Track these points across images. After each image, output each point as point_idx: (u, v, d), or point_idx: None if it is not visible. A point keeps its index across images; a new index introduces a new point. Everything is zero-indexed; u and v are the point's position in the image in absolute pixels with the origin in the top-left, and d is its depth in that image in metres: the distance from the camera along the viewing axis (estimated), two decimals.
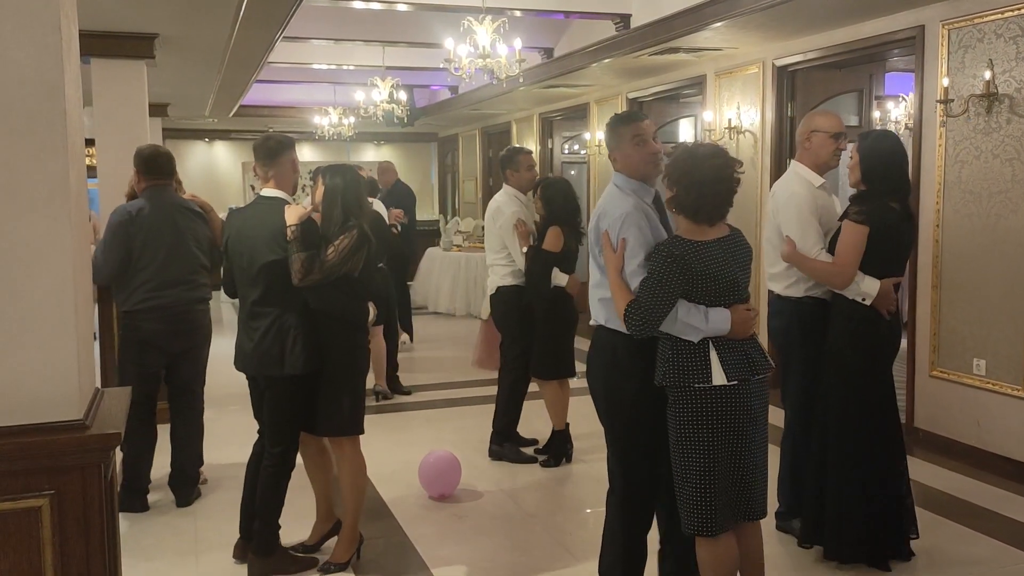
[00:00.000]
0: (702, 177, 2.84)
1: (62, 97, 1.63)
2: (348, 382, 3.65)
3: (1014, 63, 4.80)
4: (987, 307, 5.04)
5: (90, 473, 1.67)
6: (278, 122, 14.30)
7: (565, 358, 5.25)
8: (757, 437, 2.94)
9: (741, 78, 7.19)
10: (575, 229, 5.18)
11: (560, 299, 5.15)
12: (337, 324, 3.61)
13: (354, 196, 3.64)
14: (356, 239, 3.52)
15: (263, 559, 3.71)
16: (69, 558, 1.67)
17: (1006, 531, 4.12)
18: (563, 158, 11.56)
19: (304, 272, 3.43)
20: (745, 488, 2.93)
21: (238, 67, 7.76)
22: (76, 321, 1.71)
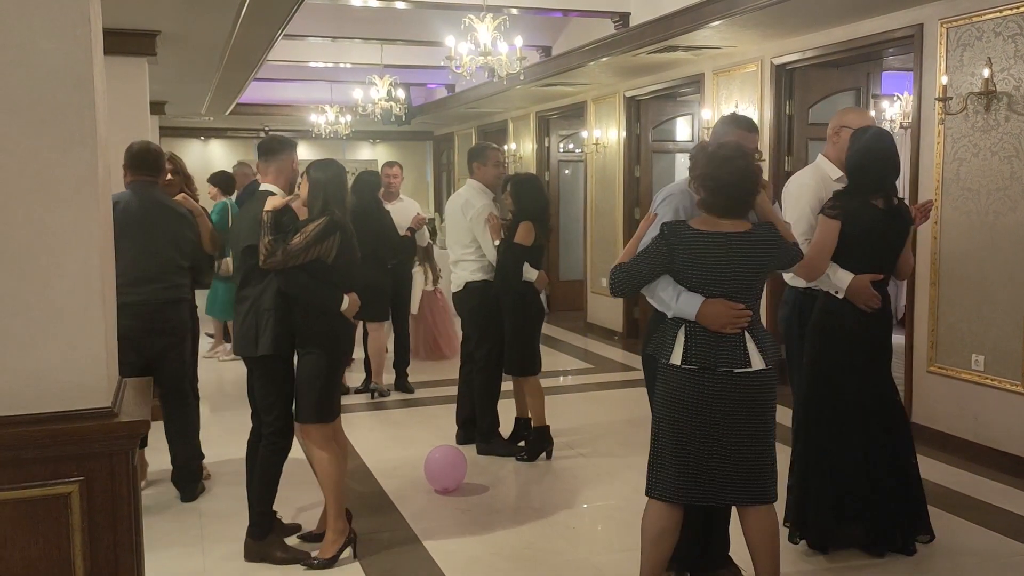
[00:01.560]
0: (728, 180, 2.96)
1: (91, 88, 1.65)
2: (316, 368, 3.69)
3: (1012, 61, 4.84)
4: (985, 303, 5.09)
5: (118, 460, 1.69)
6: (274, 120, 14.30)
7: (535, 354, 5.26)
8: (733, 427, 2.98)
9: (739, 76, 7.24)
10: (544, 225, 5.20)
11: (529, 295, 5.16)
12: (309, 310, 3.69)
13: (335, 189, 3.75)
14: (323, 226, 3.61)
15: (255, 542, 3.82)
16: (97, 544, 1.69)
17: (1004, 524, 4.17)
18: (559, 156, 11.58)
19: (267, 254, 3.58)
20: (718, 473, 3.00)
21: (237, 65, 7.77)
22: (103, 310, 1.73)
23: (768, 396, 3.04)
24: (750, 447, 3.00)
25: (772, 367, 3.03)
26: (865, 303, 3.62)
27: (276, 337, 3.69)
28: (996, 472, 4.87)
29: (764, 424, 3.03)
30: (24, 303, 1.66)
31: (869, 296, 3.62)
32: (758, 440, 3.01)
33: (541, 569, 3.80)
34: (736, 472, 3.01)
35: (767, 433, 3.04)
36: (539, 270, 5.15)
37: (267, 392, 3.80)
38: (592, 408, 6.66)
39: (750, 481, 3.02)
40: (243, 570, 3.79)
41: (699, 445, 3.00)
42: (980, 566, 3.73)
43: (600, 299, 9.94)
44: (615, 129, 9.37)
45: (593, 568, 3.81)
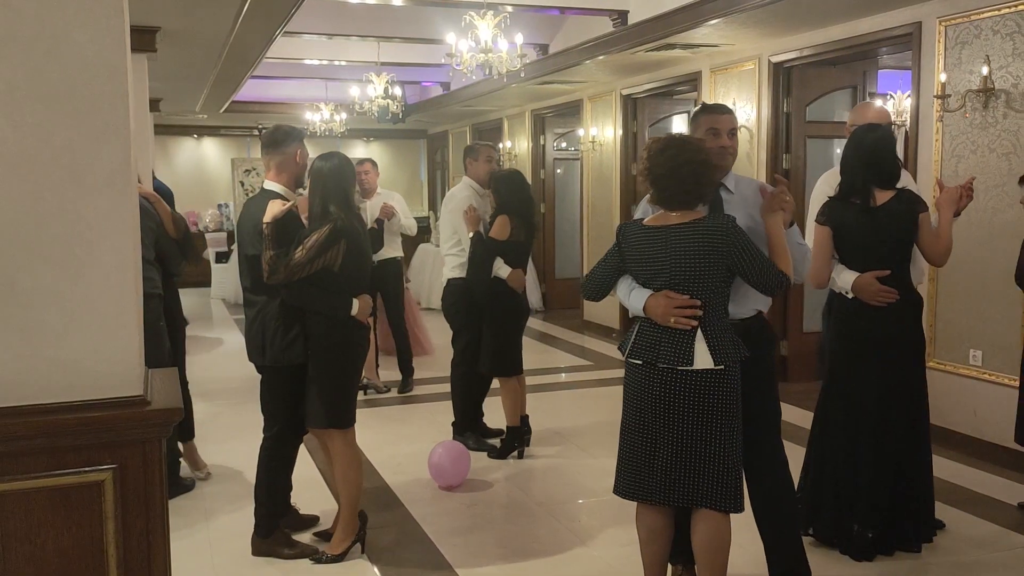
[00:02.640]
0: (659, 171, 2.97)
1: (125, 79, 1.66)
2: (329, 376, 3.63)
3: (1010, 59, 4.89)
4: (983, 299, 5.14)
5: (150, 448, 1.70)
6: (268, 118, 14.27)
7: (512, 355, 5.20)
8: (675, 426, 2.93)
9: (737, 74, 7.28)
10: (527, 222, 5.14)
11: (504, 293, 5.09)
12: (319, 318, 3.61)
13: (335, 184, 3.62)
14: (327, 235, 3.50)
15: (261, 540, 3.84)
16: (130, 531, 1.70)
17: (1005, 516, 4.22)
18: (555, 154, 11.61)
19: (270, 271, 3.49)
20: (661, 472, 2.96)
21: (236, 61, 7.77)
22: (136, 300, 1.74)
23: (718, 398, 2.91)
24: (694, 449, 2.92)
25: (727, 368, 2.92)
26: (874, 299, 3.65)
27: (285, 347, 3.64)
28: (995, 466, 4.93)
29: (712, 426, 2.91)
30: (58, 293, 1.67)
31: (875, 292, 3.64)
32: (704, 442, 2.91)
33: (548, 562, 3.83)
34: (681, 473, 2.94)
35: (716, 436, 2.92)
36: (516, 268, 5.06)
37: (270, 399, 3.80)
38: (592, 405, 6.68)
39: (697, 484, 2.94)
40: (251, 564, 3.80)
41: (641, 440, 3.00)
42: (981, 558, 3.77)
43: None
44: (611, 127, 9.40)
45: (600, 562, 3.84)
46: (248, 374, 4.00)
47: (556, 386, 7.43)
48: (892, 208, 3.67)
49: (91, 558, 1.69)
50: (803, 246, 3.28)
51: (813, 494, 3.84)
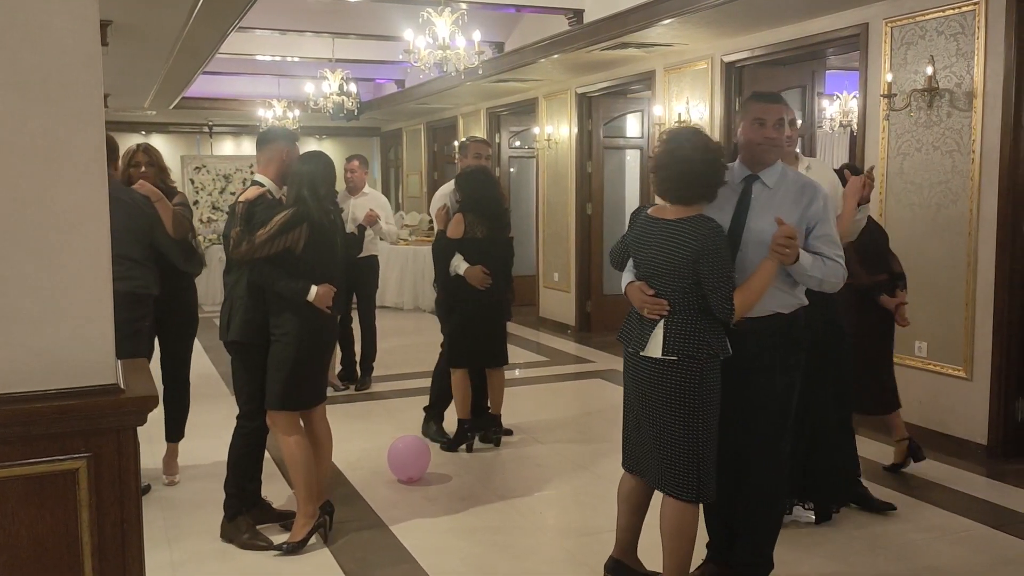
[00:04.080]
0: (656, 163, 3.04)
1: (99, 67, 1.66)
2: (282, 357, 3.74)
3: (954, 59, 5.06)
4: (929, 292, 5.30)
5: (125, 436, 1.70)
6: (220, 115, 14.10)
7: (465, 348, 5.22)
8: (640, 406, 3.08)
9: (690, 73, 7.39)
10: (489, 219, 5.16)
11: (463, 288, 5.13)
12: (280, 301, 3.75)
13: (310, 181, 3.78)
14: (288, 217, 3.67)
15: (226, 522, 3.93)
16: (105, 519, 1.70)
17: (952, 501, 4.37)
18: (510, 153, 11.66)
19: (234, 245, 3.68)
20: (641, 448, 3.16)
21: (187, 57, 7.68)
22: (109, 289, 1.74)
23: (673, 387, 2.98)
24: (656, 433, 3.04)
25: (680, 360, 2.96)
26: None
27: (244, 324, 3.79)
28: (941, 454, 5.08)
29: (670, 413, 2.99)
30: (33, 281, 1.66)
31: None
32: (662, 429, 3.01)
33: (510, 552, 3.87)
34: (649, 453, 3.11)
35: (673, 424, 2.99)
36: (476, 265, 5.09)
37: (237, 376, 3.94)
38: (549, 399, 6.75)
39: (660, 468, 3.06)
40: (210, 560, 3.78)
41: (631, 416, 3.21)
42: (931, 542, 3.91)
43: (552, 294, 10.04)
44: (567, 125, 9.48)
45: (561, 551, 3.89)
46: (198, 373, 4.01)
47: (512, 382, 7.44)
48: None
49: (66, 546, 1.68)
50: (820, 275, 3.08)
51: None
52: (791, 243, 2.94)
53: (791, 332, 3.16)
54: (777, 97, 3.21)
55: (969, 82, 4.99)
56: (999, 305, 4.95)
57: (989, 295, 4.98)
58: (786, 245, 2.93)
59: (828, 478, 4.05)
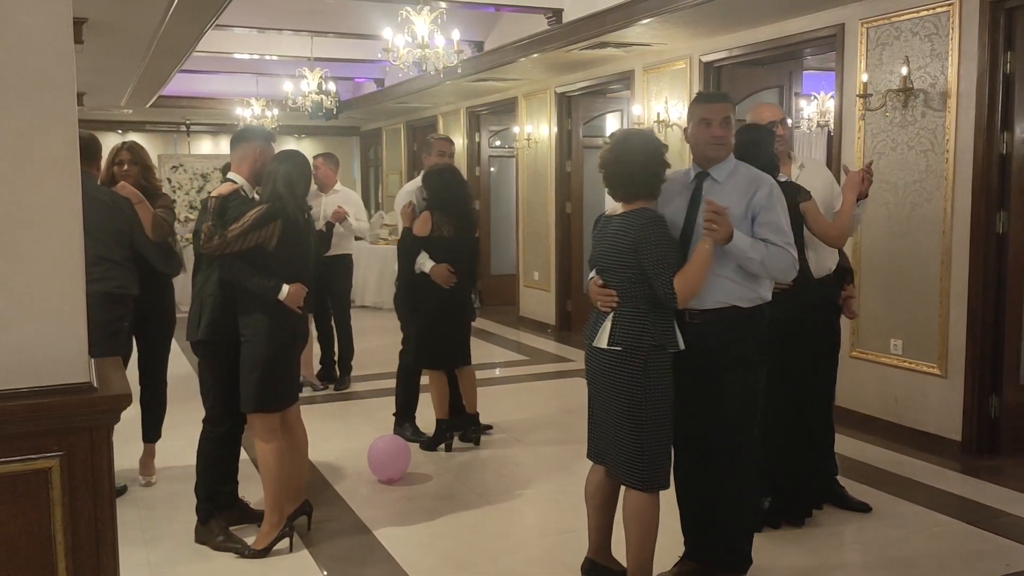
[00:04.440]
0: (602, 163, 3.19)
1: (71, 64, 1.65)
2: (254, 357, 3.68)
3: (928, 59, 5.12)
4: (903, 290, 5.36)
5: (99, 435, 1.69)
6: (197, 114, 14.02)
7: (435, 348, 5.21)
8: (598, 401, 3.21)
9: (668, 73, 7.43)
10: (456, 218, 5.16)
11: (429, 287, 5.12)
12: (250, 299, 3.69)
13: (285, 179, 3.74)
14: (262, 213, 3.63)
15: (200, 525, 3.90)
16: (79, 518, 1.69)
17: (927, 497, 4.42)
18: (490, 152, 11.66)
19: (206, 238, 3.62)
20: (604, 440, 3.22)
21: (164, 55, 7.63)
22: (81, 286, 1.73)
23: (615, 378, 3.09)
24: (608, 422, 3.16)
25: (625, 350, 3.06)
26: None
27: (212, 323, 3.74)
28: (916, 450, 5.14)
29: (617, 402, 3.09)
30: (4, 279, 1.64)
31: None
32: (611, 418, 3.13)
33: (488, 551, 3.87)
34: (606, 443, 3.20)
35: (621, 415, 3.09)
36: (442, 263, 5.07)
37: (204, 379, 3.88)
38: (529, 398, 6.75)
39: (616, 457, 3.15)
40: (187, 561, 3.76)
41: (591, 407, 3.30)
42: (907, 537, 3.95)
43: (532, 293, 10.05)
44: (546, 125, 9.49)
45: (540, 550, 3.90)
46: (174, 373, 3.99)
47: (492, 381, 7.48)
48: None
49: (39, 545, 1.67)
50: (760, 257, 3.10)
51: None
52: (718, 218, 3.00)
53: (752, 328, 3.20)
54: (721, 96, 3.34)
55: (943, 82, 5.05)
56: (972, 303, 5.00)
57: (963, 293, 5.04)
58: (713, 220, 3.01)
59: (806, 478, 4.08)
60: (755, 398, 3.23)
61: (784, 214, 3.21)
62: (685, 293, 3.02)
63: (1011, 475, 4.71)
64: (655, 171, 3.11)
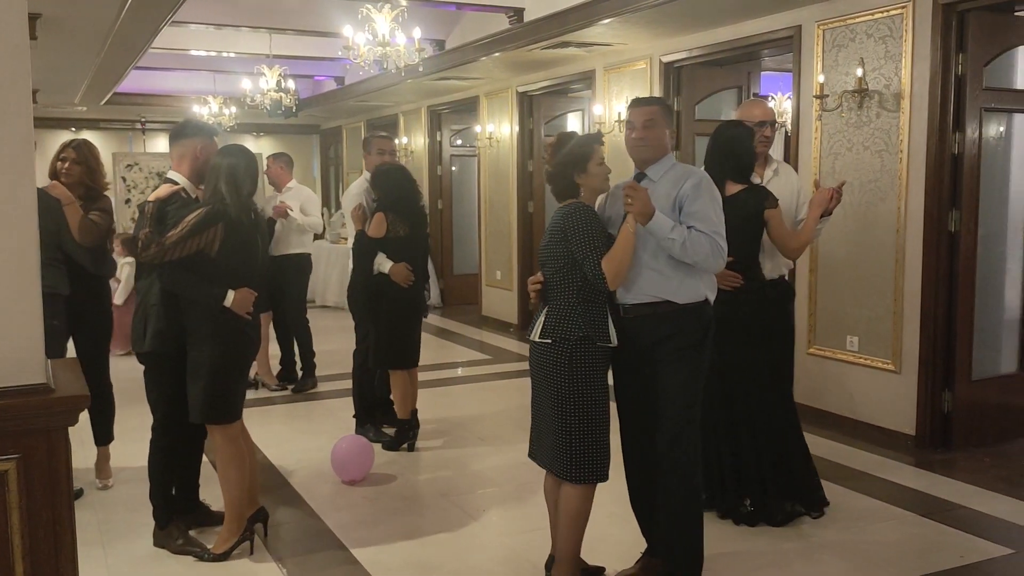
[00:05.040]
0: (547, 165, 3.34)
1: (27, 57, 1.61)
2: (202, 367, 3.53)
3: (883, 61, 5.21)
4: (859, 288, 5.45)
5: (56, 436, 1.66)
6: (153, 111, 13.81)
7: (397, 348, 5.20)
8: (534, 394, 3.28)
9: (629, 73, 7.47)
10: (407, 217, 5.14)
11: (389, 287, 5.11)
12: (196, 308, 3.55)
13: (228, 177, 3.56)
14: (200, 217, 3.46)
15: (159, 530, 3.85)
16: (36, 522, 1.66)
17: (883, 490, 4.50)
18: (452, 151, 11.64)
19: (143, 247, 3.48)
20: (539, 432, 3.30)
21: (120, 51, 7.49)
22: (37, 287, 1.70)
23: (545, 369, 3.15)
24: (544, 415, 3.21)
25: (555, 343, 3.10)
26: (722, 283, 3.67)
27: (157, 334, 3.62)
28: (871, 445, 5.24)
29: (550, 394, 3.15)
30: None
31: (722, 277, 3.68)
32: (542, 409, 3.22)
33: (453, 550, 3.87)
34: (541, 436, 3.26)
35: (551, 407, 3.15)
36: (400, 263, 5.06)
37: (151, 389, 3.77)
38: (492, 397, 6.75)
39: (549, 448, 3.22)
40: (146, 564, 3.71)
41: (532, 399, 3.33)
42: (864, 530, 4.02)
43: (495, 292, 10.06)
44: (508, 124, 9.50)
45: (504, 549, 3.90)
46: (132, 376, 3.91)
47: (455, 380, 7.48)
48: (739, 199, 3.87)
49: None
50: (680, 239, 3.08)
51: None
52: (634, 192, 3.06)
53: (687, 324, 3.19)
54: (645, 100, 3.39)
55: (897, 84, 5.14)
56: (926, 300, 5.10)
57: (916, 290, 5.14)
58: (629, 195, 3.06)
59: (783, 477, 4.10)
60: (692, 395, 3.22)
61: (711, 205, 3.18)
62: (612, 273, 3.07)
63: (963, 468, 4.82)
64: (568, 176, 3.21)
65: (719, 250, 3.15)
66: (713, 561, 3.50)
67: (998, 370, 5.37)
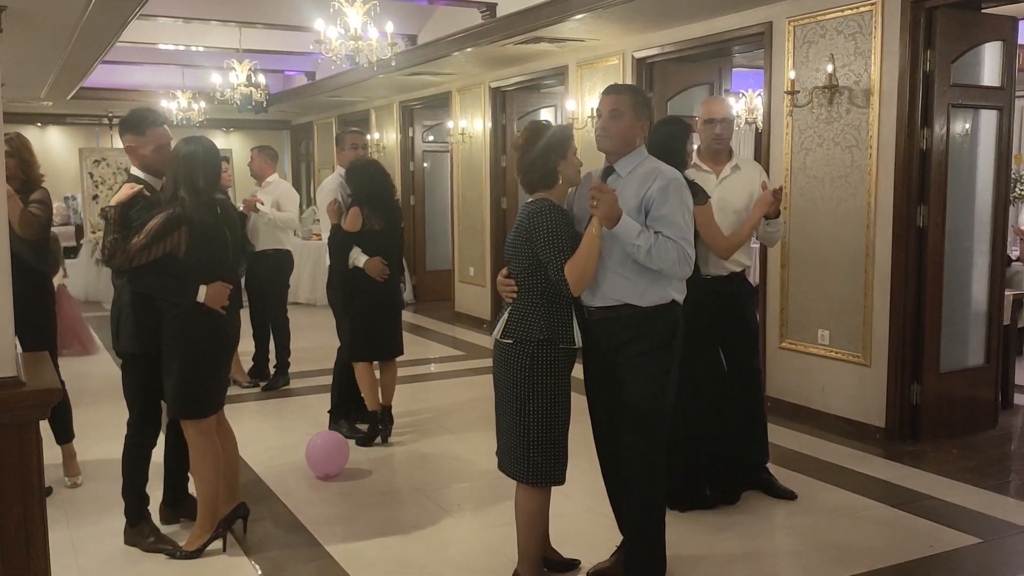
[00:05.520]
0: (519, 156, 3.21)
1: None
2: (177, 365, 3.54)
3: (853, 57, 5.26)
4: (830, 283, 5.51)
5: (27, 431, 1.63)
6: (121, 106, 13.60)
7: (371, 341, 5.21)
8: (495, 393, 3.22)
9: (602, 69, 7.49)
10: (382, 211, 5.15)
11: (364, 281, 5.11)
12: (168, 305, 3.55)
13: (189, 170, 3.52)
14: (162, 223, 3.44)
15: (130, 527, 3.82)
16: (7, 518, 1.63)
17: (854, 482, 4.55)
18: (424, 147, 11.60)
19: (108, 255, 3.47)
20: (500, 432, 3.25)
21: (86, 45, 7.38)
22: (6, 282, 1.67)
23: (505, 369, 3.12)
24: (504, 414, 3.17)
25: (516, 343, 3.08)
26: None
27: (131, 336, 3.66)
28: (842, 437, 5.30)
29: (506, 395, 3.13)
30: None
31: None
32: (503, 408, 3.17)
33: (427, 544, 3.86)
34: (501, 435, 3.23)
35: (509, 407, 3.12)
36: (375, 257, 5.07)
37: (127, 386, 3.79)
38: (465, 393, 6.74)
39: (506, 448, 3.20)
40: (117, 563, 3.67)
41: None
42: (835, 521, 4.06)
43: (468, 288, 10.04)
44: (480, 119, 9.48)
45: (478, 543, 3.90)
46: (102, 373, 3.88)
47: (429, 376, 7.46)
48: None
49: None
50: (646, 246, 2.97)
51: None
52: (600, 195, 2.94)
53: (650, 328, 3.09)
54: (616, 88, 3.19)
55: (867, 80, 5.20)
56: (895, 294, 5.17)
57: (886, 284, 5.20)
58: (594, 196, 2.95)
59: (732, 468, 4.15)
60: (657, 400, 3.10)
61: (680, 209, 3.04)
62: (575, 277, 3.00)
63: (932, 460, 4.88)
64: (549, 163, 3.09)
65: (686, 257, 3.02)
66: (682, 560, 3.53)
67: (965, 363, 5.45)
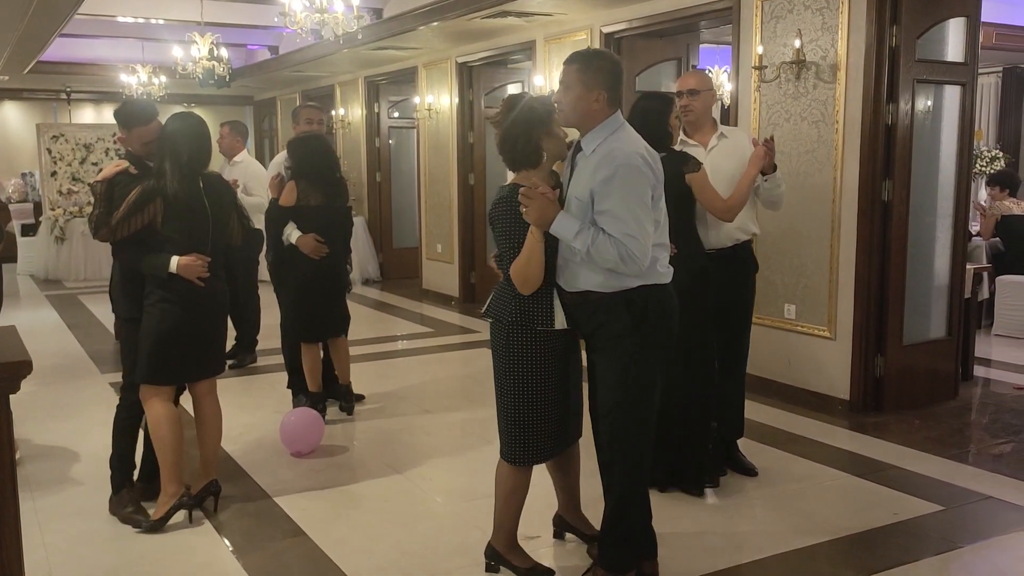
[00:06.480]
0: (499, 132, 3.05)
1: None
2: (145, 330, 3.68)
3: (820, 33, 5.29)
4: (797, 257, 5.56)
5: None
6: (79, 80, 13.35)
7: (305, 321, 5.16)
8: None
9: (570, 44, 7.45)
10: (322, 187, 5.04)
11: (298, 258, 5.04)
12: (145, 276, 3.71)
13: (172, 148, 3.66)
14: (139, 195, 3.58)
15: (113, 495, 3.88)
16: None
17: (819, 453, 4.62)
18: (390, 123, 11.49)
19: (95, 228, 3.64)
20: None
21: (43, 17, 7.21)
22: None
23: (492, 346, 3.13)
24: (497, 393, 3.17)
25: (495, 321, 3.09)
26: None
27: (123, 300, 3.82)
28: (808, 410, 5.38)
29: (495, 371, 3.14)
30: None
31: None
32: (494, 385, 3.17)
33: (400, 519, 3.86)
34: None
35: (496, 383, 3.14)
36: (309, 233, 4.98)
37: (123, 350, 3.93)
38: (435, 369, 6.74)
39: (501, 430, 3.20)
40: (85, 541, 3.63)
41: None
42: (802, 491, 4.13)
43: (435, 265, 10.01)
44: (447, 95, 9.41)
45: (452, 517, 3.91)
46: (63, 352, 3.87)
47: (397, 353, 7.44)
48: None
49: None
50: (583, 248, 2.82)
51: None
52: (527, 200, 2.79)
53: (617, 314, 2.93)
54: (570, 57, 2.95)
55: (833, 55, 5.23)
56: (860, 268, 5.23)
57: (851, 259, 5.26)
58: (523, 201, 2.80)
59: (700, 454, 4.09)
60: (629, 385, 2.96)
61: (623, 202, 2.78)
62: (519, 280, 2.92)
63: (895, 431, 4.98)
64: (532, 139, 2.94)
65: (629, 255, 2.77)
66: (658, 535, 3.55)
67: (927, 335, 5.55)
